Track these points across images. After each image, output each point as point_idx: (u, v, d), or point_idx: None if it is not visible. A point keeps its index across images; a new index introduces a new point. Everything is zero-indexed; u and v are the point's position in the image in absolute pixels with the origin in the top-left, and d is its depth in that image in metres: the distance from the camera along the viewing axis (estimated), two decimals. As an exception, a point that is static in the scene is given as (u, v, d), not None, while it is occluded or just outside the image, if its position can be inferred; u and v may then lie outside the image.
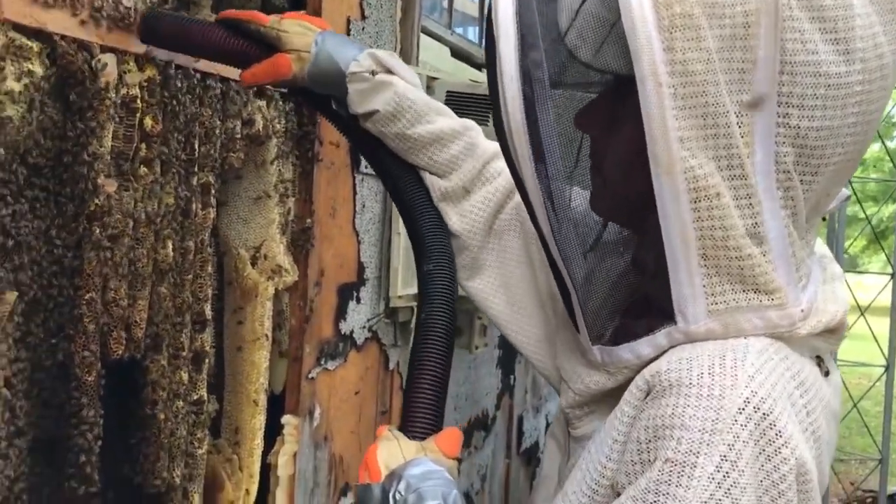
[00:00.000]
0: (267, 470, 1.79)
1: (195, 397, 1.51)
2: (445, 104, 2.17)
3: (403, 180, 1.09)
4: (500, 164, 1.05)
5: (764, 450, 0.65)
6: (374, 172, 2.11)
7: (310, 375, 1.83)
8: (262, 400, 1.71)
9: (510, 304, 1.01)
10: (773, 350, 0.72)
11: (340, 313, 1.95)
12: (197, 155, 1.43)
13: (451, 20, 2.88)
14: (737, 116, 0.67)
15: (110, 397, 1.34)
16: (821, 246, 0.86)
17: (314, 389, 1.86)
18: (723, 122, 0.67)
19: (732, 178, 0.69)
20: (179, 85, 1.36)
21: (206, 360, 1.54)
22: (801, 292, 0.74)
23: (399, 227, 2.11)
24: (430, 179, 1.07)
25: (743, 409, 0.66)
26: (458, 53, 2.73)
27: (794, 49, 0.67)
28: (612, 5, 0.68)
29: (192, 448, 1.52)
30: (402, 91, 1.05)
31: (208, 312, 1.53)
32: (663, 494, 0.65)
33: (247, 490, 1.72)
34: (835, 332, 0.78)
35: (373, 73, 1.04)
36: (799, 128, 0.68)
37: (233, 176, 1.66)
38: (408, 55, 2.15)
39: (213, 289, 1.66)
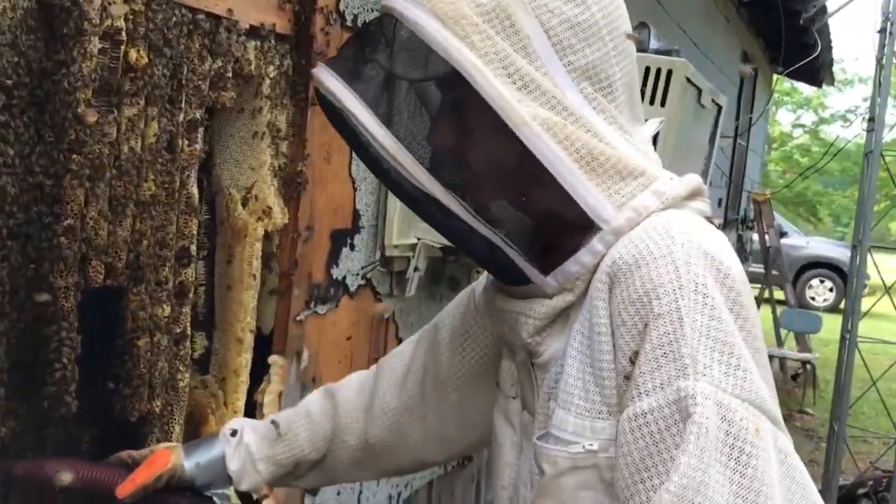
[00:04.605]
0: (253, 408, 1.83)
1: (178, 331, 1.54)
2: None
3: None
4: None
5: (718, 278, 0.83)
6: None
7: (298, 318, 1.86)
8: (248, 339, 1.74)
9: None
10: (683, 212, 0.91)
11: (333, 259, 1.97)
12: (183, 91, 1.44)
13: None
14: (542, 76, 0.89)
15: (97, 328, 1.38)
16: None
17: (303, 332, 1.89)
18: (533, 84, 0.88)
19: (563, 114, 0.89)
20: (165, 18, 1.37)
21: (190, 296, 1.57)
22: (658, 166, 0.95)
23: (397, 176, 2.11)
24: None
25: (689, 255, 0.83)
26: None
27: (548, 18, 0.89)
28: (415, 39, 0.88)
29: (175, 381, 1.56)
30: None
31: (193, 249, 1.55)
32: (668, 344, 0.80)
33: (230, 425, 1.76)
34: (703, 193, 0.97)
35: (233, 433, 1.26)
36: (582, 66, 0.91)
37: (226, 116, 1.67)
38: None
39: (206, 227, 1.69)
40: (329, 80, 0.93)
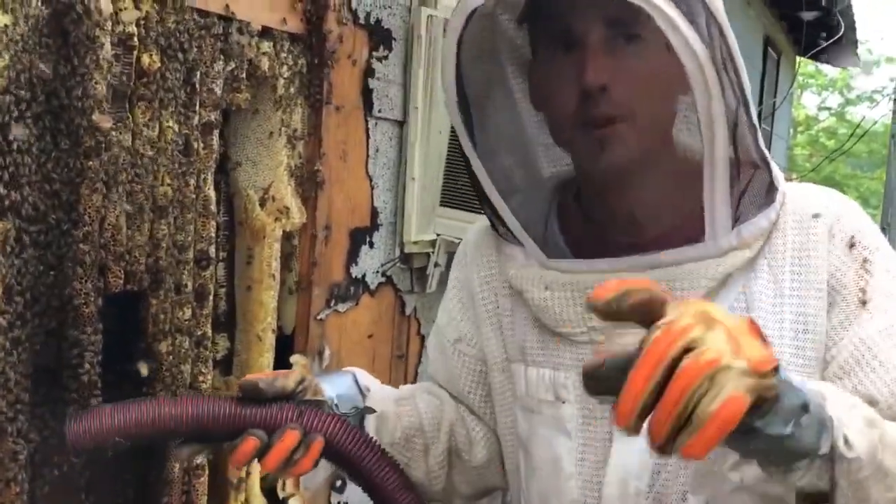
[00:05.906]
0: (276, 407, 1.83)
1: (199, 333, 1.54)
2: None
3: None
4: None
5: None
6: (389, 118, 2.11)
7: (319, 317, 1.86)
8: (270, 338, 1.74)
9: None
10: None
11: (352, 257, 1.97)
12: (197, 93, 1.44)
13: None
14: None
15: (118, 333, 1.39)
16: None
17: (323, 331, 1.89)
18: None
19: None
20: (177, 22, 1.37)
21: (211, 298, 1.57)
22: None
23: (414, 171, 2.11)
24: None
25: (855, 204, 1.01)
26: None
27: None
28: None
29: (197, 383, 1.56)
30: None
31: (212, 251, 1.56)
32: (887, 271, 0.96)
33: (254, 425, 1.76)
34: None
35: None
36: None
37: (241, 117, 1.67)
38: (427, -2, 2.13)
39: (224, 229, 1.69)
40: None
